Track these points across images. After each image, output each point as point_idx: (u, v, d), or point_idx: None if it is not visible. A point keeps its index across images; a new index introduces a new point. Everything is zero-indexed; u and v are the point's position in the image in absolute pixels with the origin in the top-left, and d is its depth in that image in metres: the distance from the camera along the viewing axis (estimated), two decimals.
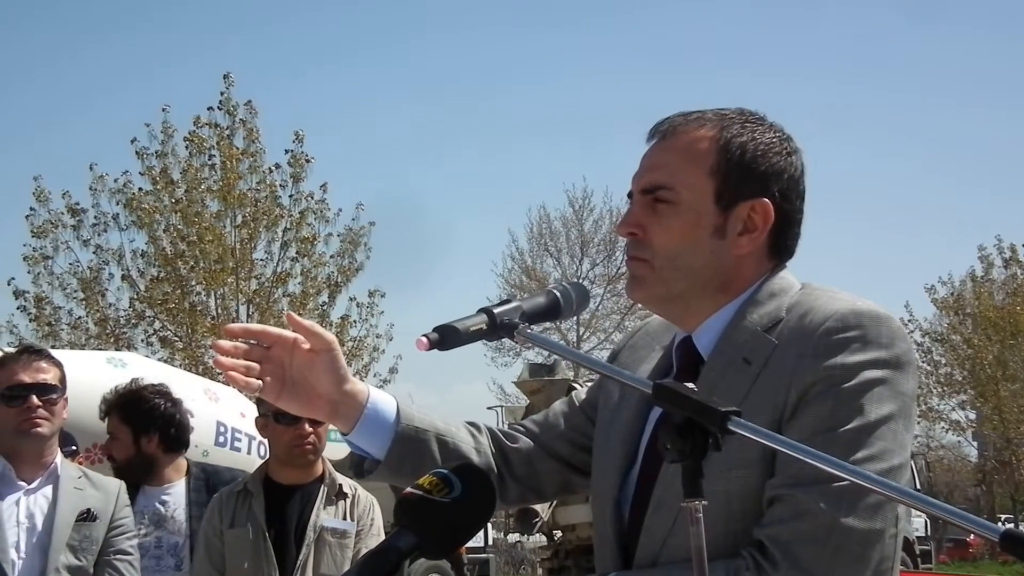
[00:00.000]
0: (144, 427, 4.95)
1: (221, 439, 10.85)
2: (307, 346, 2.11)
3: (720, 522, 1.92)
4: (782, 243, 2.14)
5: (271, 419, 4.38)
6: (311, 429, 4.35)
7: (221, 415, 11.09)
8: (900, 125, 56.51)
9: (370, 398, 2.20)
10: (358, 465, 2.26)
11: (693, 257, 2.08)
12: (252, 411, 5.02)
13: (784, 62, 56.05)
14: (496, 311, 1.98)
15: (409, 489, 1.82)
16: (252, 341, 2.11)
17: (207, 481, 4.96)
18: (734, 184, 2.08)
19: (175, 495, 4.93)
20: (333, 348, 2.13)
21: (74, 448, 7.05)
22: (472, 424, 2.39)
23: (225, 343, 2.07)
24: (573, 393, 2.49)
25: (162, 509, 4.84)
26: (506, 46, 57.41)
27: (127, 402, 5.07)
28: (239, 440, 11.02)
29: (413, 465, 2.17)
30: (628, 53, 57.13)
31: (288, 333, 2.11)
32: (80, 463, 6.32)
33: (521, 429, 2.44)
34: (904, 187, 57.39)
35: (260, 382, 2.08)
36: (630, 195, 2.16)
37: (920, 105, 56.96)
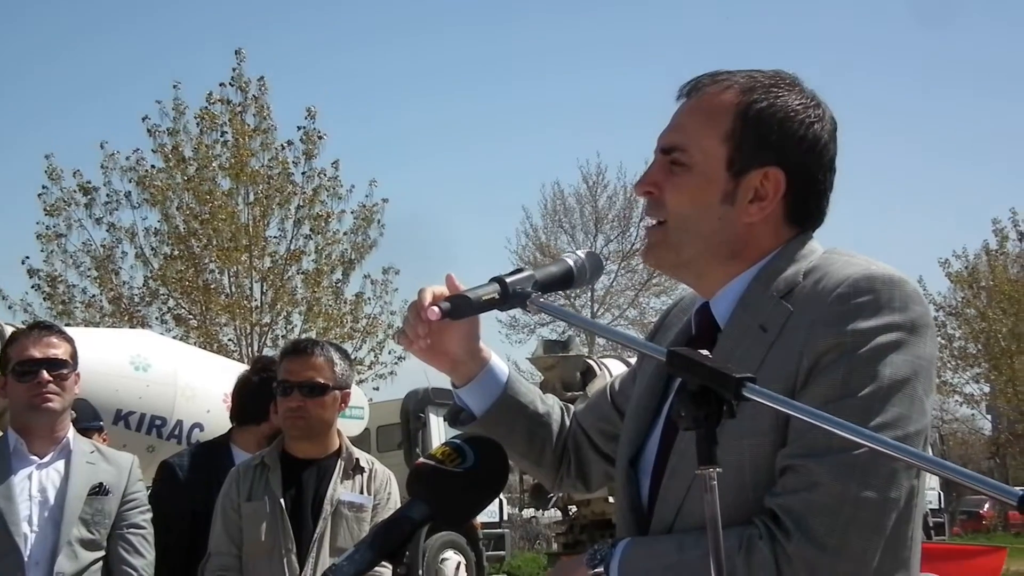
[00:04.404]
0: None
1: None
2: None
3: (732, 491, 1.89)
4: (802, 211, 2.10)
5: (278, 390, 4.35)
6: (299, 403, 4.27)
7: None
8: (913, 99, 56.21)
9: (488, 363, 2.32)
10: (454, 414, 2.36)
11: (702, 222, 2.06)
12: None
13: (798, 44, 55.60)
14: (508, 280, 1.99)
15: (422, 459, 1.82)
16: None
17: None
18: (748, 151, 2.05)
19: None
20: (476, 318, 2.20)
21: (100, 424, 7.06)
22: (565, 407, 2.47)
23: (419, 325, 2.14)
24: (610, 381, 2.49)
25: None
26: (520, 22, 57.20)
27: None
28: None
29: (506, 427, 2.30)
30: (641, 29, 56.87)
31: (445, 292, 2.14)
32: (104, 440, 6.32)
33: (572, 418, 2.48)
34: (918, 161, 57.18)
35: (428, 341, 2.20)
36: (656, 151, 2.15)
37: (933, 79, 56.62)
